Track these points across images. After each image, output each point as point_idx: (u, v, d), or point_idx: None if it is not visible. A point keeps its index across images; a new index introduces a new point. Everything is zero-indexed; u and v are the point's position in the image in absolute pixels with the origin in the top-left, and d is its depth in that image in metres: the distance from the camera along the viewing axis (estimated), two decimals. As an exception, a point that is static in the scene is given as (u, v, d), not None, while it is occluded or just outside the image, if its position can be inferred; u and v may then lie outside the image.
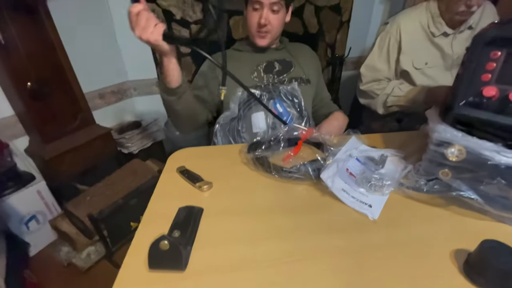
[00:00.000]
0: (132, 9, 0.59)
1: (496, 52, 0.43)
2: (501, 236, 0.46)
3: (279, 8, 0.87)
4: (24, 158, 1.41)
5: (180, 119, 0.88)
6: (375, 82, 1.17)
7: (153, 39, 0.60)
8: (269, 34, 0.91)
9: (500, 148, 0.43)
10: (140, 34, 0.60)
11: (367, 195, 0.55)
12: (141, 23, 0.59)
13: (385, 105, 1.14)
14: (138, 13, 0.59)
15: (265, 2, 0.84)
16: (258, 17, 0.87)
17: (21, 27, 1.22)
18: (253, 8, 0.87)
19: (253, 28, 0.91)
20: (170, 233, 0.46)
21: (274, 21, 0.89)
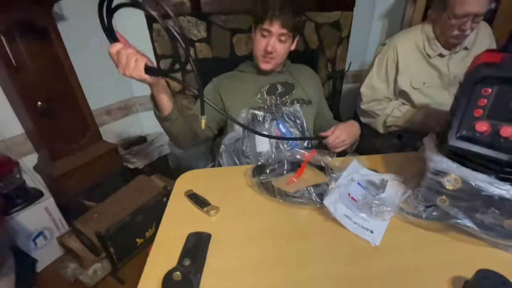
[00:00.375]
0: (110, 50, 0.60)
1: (487, 89, 0.46)
2: (497, 262, 0.49)
3: (286, 38, 0.91)
4: (33, 175, 1.44)
5: (178, 139, 0.90)
6: (376, 102, 1.20)
7: (135, 74, 0.61)
8: (274, 60, 0.95)
9: (493, 180, 0.45)
10: (123, 72, 0.61)
11: (369, 220, 0.58)
12: (122, 62, 0.60)
13: (385, 125, 1.18)
14: (117, 52, 0.60)
15: (274, 32, 0.88)
16: (265, 44, 0.91)
17: (32, 48, 1.27)
18: (262, 34, 0.91)
19: (259, 52, 0.94)
20: (181, 261, 0.48)
21: (280, 49, 0.93)
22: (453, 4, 0.94)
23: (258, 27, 0.91)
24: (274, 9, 0.85)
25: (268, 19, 0.87)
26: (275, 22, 0.87)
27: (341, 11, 1.96)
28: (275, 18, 0.86)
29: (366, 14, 2.06)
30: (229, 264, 0.51)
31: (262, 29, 0.90)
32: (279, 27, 0.88)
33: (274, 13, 0.86)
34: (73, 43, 1.41)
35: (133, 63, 0.60)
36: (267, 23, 0.88)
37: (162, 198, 1.30)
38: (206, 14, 1.71)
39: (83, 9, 1.49)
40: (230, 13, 1.74)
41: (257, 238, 0.57)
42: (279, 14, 0.86)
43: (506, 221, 0.48)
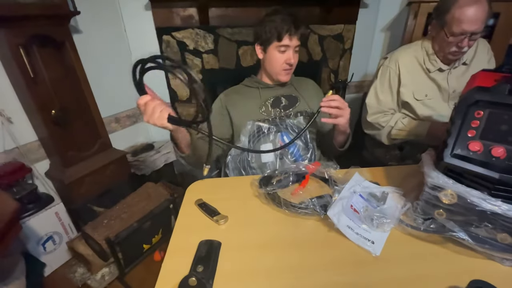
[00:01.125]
0: (139, 102, 0.66)
1: (479, 111, 0.50)
2: (492, 274, 0.52)
3: (298, 49, 1.00)
4: (44, 181, 1.49)
5: (194, 164, 0.96)
6: (381, 114, 1.23)
7: (159, 123, 0.67)
8: (291, 71, 1.03)
9: (486, 196, 0.48)
10: (148, 120, 0.67)
11: (370, 232, 0.61)
12: (148, 112, 0.66)
13: (389, 136, 1.20)
14: (145, 103, 0.66)
15: (291, 45, 0.96)
16: (286, 58, 0.98)
17: (49, 60, 1.33)
18: (279, 51, 0.98)
19: (279, 67, 1.00)
20: (195, 267, 0.52)
21: (296, 59, 1.01)
22: (450, 22, 0.98)
23: (274, 45, 0.97)
24: (290, 26, 0.93)
25: (287, 35, 0.94)
26: (294, 37, 0.95)
27: (344, 24, 2.02)
28: (293, 33, 0.94)
29: (368, 28, 2.11)
30: (239, 271, 0.54)
31: (280, 46, 0.96)
32: (297, 40, 0.96)
33: (291, 29, 0.93)
34: (86, 54, 1.48)
35: (158, 113, 0.66)
36: (286, 39, 0.94)
37: (169, 205, 1.34)
38: (214, 27, 1.78)
39: (97, 23, 1.57)
40: (236, 26, 1.80)
41: (264, 246, 0.60)
42: (296, 29, 0.94)
43: (499, 235, 0.51)
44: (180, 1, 1.66)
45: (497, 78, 0.60)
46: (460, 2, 0.95)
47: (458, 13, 0.96)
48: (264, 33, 0.97)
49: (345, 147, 1.03)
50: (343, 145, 1.02)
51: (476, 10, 0.93)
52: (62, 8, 1.27)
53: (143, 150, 1.79)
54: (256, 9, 1.77)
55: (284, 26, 0.92)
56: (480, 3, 0.94)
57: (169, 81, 1.88)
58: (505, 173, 0.47)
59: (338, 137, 0.98)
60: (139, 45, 1.76)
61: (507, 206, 0.47)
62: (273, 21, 0.94)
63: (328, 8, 1.88)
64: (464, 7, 0.94)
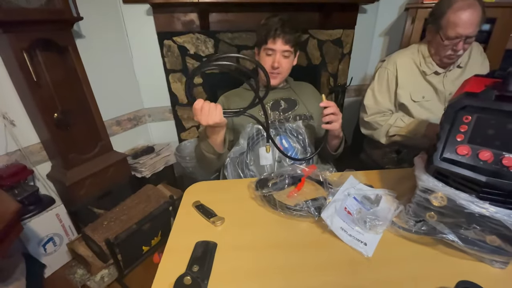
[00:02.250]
0: (196, 106, 0.75)
1: (467, 116, 0.52)
2: (480, 275, 0.53)
3: (289, 54, 1.00)
4: (45, 183, 1.51)
5: (210, 169, 1.02)
6: (379, 114, 1.25)
7: (218, 119, 0.76)
8: (280, 75, 1.04)
9: (474, 199, 0.50)
10: (207, 121, 0.76)
11: (363, 233, 0.62)
12: (205, 112, 0.75)
13: (388, 134, 1.21)
14: (201, 107, 0.75)
15: (277, 49, 0.98)
16: (271, 61, 1.00)
17: (52, 64, 1.36)
18: (267, 54, 1.00)
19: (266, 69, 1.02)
20: (190, 267, 0.53)
21: (285, 64, 1.02)
22: (446, 26, 1.01)
23: (262, 47, 1.00)
24: (276, 29, 0.95)
25: (271, 38, 0.96)
26: (278, 40, 0.96)
27: (343, 29, 2.04)
28: (277, 36, 0.95)
29: (367, 32, 2.14)
30: (234, 271, 0.56)
31: (266, 48, 0.99)
32: (282, 44, 0.97)
33: (276, 32, 0.95)
34: (88, 58, 1.50)
35: (214, 111, 0.76)
36: (270, 42, 0.97)
37: (168, 207, 1.35)
38: (214, 31, 1.81)
39: (99, 28, 1.60)
40: (236, 30, 1.83)
41: (259, 248, 0.61)
42: (280, 32, 0.95)
43: (488, 237, 0.52)
44: (181, 6, 1.69)
45: (488, 83, 0.61)
46: (455, 7, 0.98)
47: (453, 17, 0.98)
48: (257, 36, 1.01)
49: (338, 151, 1.05)
50: (337, 149, 1.04)
51: (470, 14, 0.96)
52: (66, 13, 1.30)
53: (143, 153, 1.81)
54: (256, 14, 1.80)
55: (271, 29, 0.95)
56: (474, 8, 0.96)
57: (170, 85, 1.90)
58: (492, 176, 0.48)
59: (332, 141, 1.00)
60: (140, 50, 1.79)
61: (495, 209, 0.49)
62: (264, 25, 0.98)
63: (327, 13, 1.91)
64: (458, 11, 0.97)
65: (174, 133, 2.08)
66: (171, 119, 2.03)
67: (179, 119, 2.02)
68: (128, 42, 1.76)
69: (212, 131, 0.85)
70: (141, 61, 1.82)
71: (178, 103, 1.97)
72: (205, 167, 1.02)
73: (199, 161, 1.01)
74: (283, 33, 0.95)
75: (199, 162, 1.02)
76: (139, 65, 1.83)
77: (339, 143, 1.03)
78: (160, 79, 1.88)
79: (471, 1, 0.97)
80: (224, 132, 0.89)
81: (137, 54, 1.80)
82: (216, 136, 0.86)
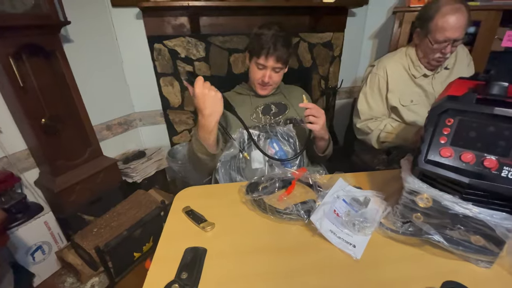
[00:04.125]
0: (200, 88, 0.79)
1: (450, 119, 0.53)
2: (466, 275, 0.54)
3: (279, 70, 1.01)
4: (33, 190, 1.47)
5: (204, 171, 1.01)
6: (371, 119, 1.27)
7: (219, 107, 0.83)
8: (271, 87, 1.05)
9: (457, 200, 0.51)
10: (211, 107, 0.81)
11: (352, 235, 0.63)
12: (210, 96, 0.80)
13: (379, 140, 1.23)
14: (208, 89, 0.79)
15: (269, 66, 0.98)
16: (261, 75, 1.00)
17: (39, 69, 1.34)
18: (258, 67, 1.00)
19: (256, 81, 1.03)
20: (179, 274, 0.53)
21: (276, 78, 1.02)
22: (434, 30, 1.03)
23: (254, 59, 1.00)
24: (269, 47, 0.93)
25: (263, 56, 0.95)
26: (270, 58, 0.96)
27: (333, 32, 2.07)
28: (270, 55, 0.95)
29: (356, 35, 2.17)
30: (223, 277, 0.55)
31: (257, 63, 0.99)
32: (274, 62, 0.96)
33: (269, 51, 0.94)
34: (77, 62, 1.49)
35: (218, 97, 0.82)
36: (262, 59, 0.96)
37: (160, 212, 1.34)
38: (205, 35, 1.81)
39: (87, 32, 1.58)
40: (227, 34, 1.83)
41: (249, 252, 0.61)
42: (273, 51, 0.94)
43: (473, 237, 0.53)
44: (171, 10, 1.68)
45: (471, 86, 0.63)
46: (443, 11, 1.00)
47: (441, 21, 1.01)
48: (251, 44, 1.00)
49: (326, 152, 1.05)
50: (324, 150, 1.05)
51: (458, 18, 0.99)
52: (52, 18, 1.28)
53: (134, 157, 1.79)
54: (246, 18, 1.81)
55: (265, 45, 0.94)
56: (461, 12, 0.99)
57: (161, 88, 1.89)
58: (475, 177, 0.49)
59: (318, 142, 1.01)
60: (130, 53, 1.78)
61: (478, 209, 0.50)
62: (260, 36, 0.96)
63: (317, 17, 1.93)
64: (446, 16, 1.00)
65: (166, 137, 2.06)
66: (163, 123, 2.02)
67: (171, 123, 2.01)
68: (118, 46, 1.74)
69: (205, 129, 0.84)
70: (131, 65, 1.80)
71: (169, 106, 1.96)
72: (198, 169, 1.01)
73: (193, 163, 0.99)
74: (276, 51, 0.94)
75: (193, 164, 1.00)
76: (129, 69, 1.81)
77: (326, 145, 1.03)
78: (151, 83, 1.87)
79: (458, 5, 0.99)
80: (217, 132, 0.88)
81: (127, 58, 1.78)
82: (209, 135, 0.85)
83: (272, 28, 0.96)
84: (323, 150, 1.04)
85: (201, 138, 0.87)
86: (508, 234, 0.48)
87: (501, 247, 0.52)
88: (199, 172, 1.04)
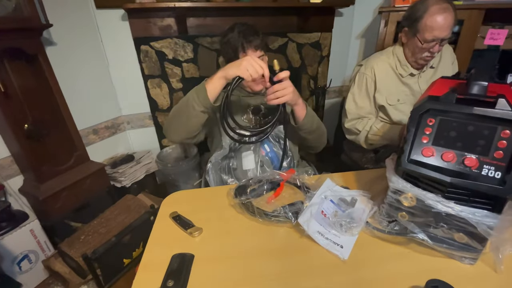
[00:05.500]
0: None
1: (431, 119, 0.54)
2: (451, 272, 0.55)
3: (262, 58, 1.01)
4: (18, 197, 1.43)
5: (182, 129, 0.94)
6: (359, 120, 1.28)
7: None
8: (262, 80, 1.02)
9: (440, 198, 0.51)
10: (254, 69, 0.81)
11: (339, 236, 0.63)
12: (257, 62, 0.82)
13: (367, 141, 1.25)
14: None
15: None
16: None
17: (21, 74, 1.30)
18: None
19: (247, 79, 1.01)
20: (165, 282, 0.52)
21: None
22: (423, 30, 1.05)
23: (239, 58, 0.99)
24: (242, 42, 0.95)
25: (241, 52, 0.96)
26: (249, 51, 0.96)
27: (321, 32, 2.08)
28: (246, 48, 0.96)
29: (344, 35, 2.19)
30: (211, 283, 0.55)
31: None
32: (253, 52, 0.97)
33: (243, 45, 0.95)
34: (61, 66, 1.45)
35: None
36: (241, 54, 0.96)
37: (149, 217, 1.32)
38: (193, 36, 1.79)
39: (71, 34, 1.54)
40: (215, 35, 1.82)
41: (237, 256, 0.61)
42: (248, 43, 0.95)
43: (456, 234, 0.54)
44: (157, 11, 1.66)
45: (452, 85, 0.64)
46: (431, 11, 1.02)
47: (430, 21, 1.03)
48: (226, 54, 1.02)
49: (307, 120, 0.97)
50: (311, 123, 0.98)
51: (446, 18, 1.01)
52: (33, 21, 1.24)
53: (122, 162, 1.76)
54: (234, 19, 1.80)
55: (237, 44, 0.95)
56: (448, 11, 1.01)
57: (149, 91, 1.87)
58: (456, 176, 0.50)
59: (297, 113, 0.95)
60: (116, 56, 1.75)
61: (460, 207, 0.50)
62: (227, 41, 0.98)
63: (305, 17, 1.94)
64: (435, 15, 1.02)
65: (155, 140, 2.04)
66: (151, 126, 1.99)
67: (160, 126, 1.99)
68: (103, 48, 1.71)
69: (223, 80, 0.84)
70: (118, 67, 1.77)
71: (158, 109, 1.93)
72: (177, 128, 0.95)
73: (174, 121, 0.94)
74: (249, 42, 0.96)
75: (172, 123, 0.95)
76: (116, 71, 1.78)
77: (304, 113, 0.96)
78: (138, 85, 1.84)
79: (446, 5, 1.01)
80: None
81: (113, 60, 1.75)
82: (220, 87, 0.85)
83: (234, 28, 0.99)
84: (302, 117, 0.96)
85: (211, 87, 0.85)
86: (490, 231, 0.49)
87: (483, 244, 0.53)
88: (180, 129, 0.95)
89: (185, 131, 0.94)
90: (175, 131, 0.96)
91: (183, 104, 0.90)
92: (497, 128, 0.49)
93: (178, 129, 0.94)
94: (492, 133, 0.49)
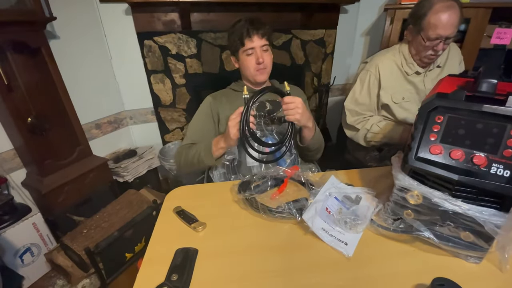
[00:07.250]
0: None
1: (440, 117, 0.53)
2: (457, 271, 0.54)
3: (267, 48, 1.03)
4: (21, 191, 1.44)
5: (194, 171, 1.06)
6: (359, 117, 1.27)
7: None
8: (266, 70, 1.05)
9: (447, 197, 0.51)
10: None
11: (344, 233, 0.63)
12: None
13: (366, 139, 1.24)
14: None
15: (256, 46, 0.99)
16: (255, 59, 1.01)
17: (24, 67, 1.30)
18: (247, 54, 1.01)
19: (252, 68, 1.03)
20: (169, 276, 0.52)
21: (267, 58, 1.04)
22: (427, 28, 1.04)
23: (241, 51, 1.01)
24: (248, 29, 0.97)
25: (247, 39, 0.98)
26: (254, 37, 0.98)
27: (325, 29, 2.07)
28: (252, 34, 0.98)
29: (348, 32, 2.17)
30: (215, 278, 0.55)
31: (245, 50, 1.00)
32: (259, 39, 0.99)
33: (249, 32, 0.97)
34: (64, 59, 1.45)
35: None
36: (248, 42, 0.98)
37: (152, 212, 1.32)
38: (196, 31, 1.78)
39: (74, 28, 1.54)
40: (219, 30, 1.81)
41: (241, 252, 0.61)
42: (254, 30, 0.98)
43: (462, 233, 0.54)
44: (161, 5, 1.65)
45: (460, 83, 0.63)
46: (435, 9, 1.01)
47: (433, 19, 1.01)
48: (231, 44, 1.04)
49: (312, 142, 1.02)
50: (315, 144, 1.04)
51: (450, 16, 0.99)
52: (37, 14, 1.24)
53: (125, 157, 1.76)
54: (238, 14, 1.79)
55: (243, 31, 0.98)
56: (453, 9, 1.00)
57: (152, 86, 1.86)
58: (463, 174, 0.50)
59: (304, 132, 1.00)
60: (119, 50, 1.74)
61: (467, 206, 0.50)
62: (233, 31, 1.01)
63: (309, 14, 1.92)
64: (439, 13, 1.00)
65: (158, 136, 2.03)
66: (154, 121, 1.99)
67: (162, 121, 1.98)
68: (107, 42, 1.70)
69: (228, 145, 0.93)
70: (121, 62, 1.76)
71: (160, 104, 1.93)
72: (194, 170, 1.05)
73: (189, 167, 1.03)
74: (255, 29, 0.98)
75: (185, 169, 1.04)
76: (119, 66, 1.77)
77: (311, 135, 1.01)
78: (141, 80, 1.83)
79: (451, 3, 1.00)
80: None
81: (116, 55, 1.74)
82: (227, 148, 0.95)
83: (240, 20, 1.02)
84: (308, 139, 1.01)
85: (219, 146, 0.94)
86: (497, 230, 0.49)
87: (490, 243, 0.52)
88: (192, 171, 1.07)
89: (197, 171, 1.11)
90: (188, 172, 1.09)
91: (194, 161, 1.00)
92: (507, 126, 0.48)
93: (191, 172, 1.07)
94: (501, 131, 0.49)
